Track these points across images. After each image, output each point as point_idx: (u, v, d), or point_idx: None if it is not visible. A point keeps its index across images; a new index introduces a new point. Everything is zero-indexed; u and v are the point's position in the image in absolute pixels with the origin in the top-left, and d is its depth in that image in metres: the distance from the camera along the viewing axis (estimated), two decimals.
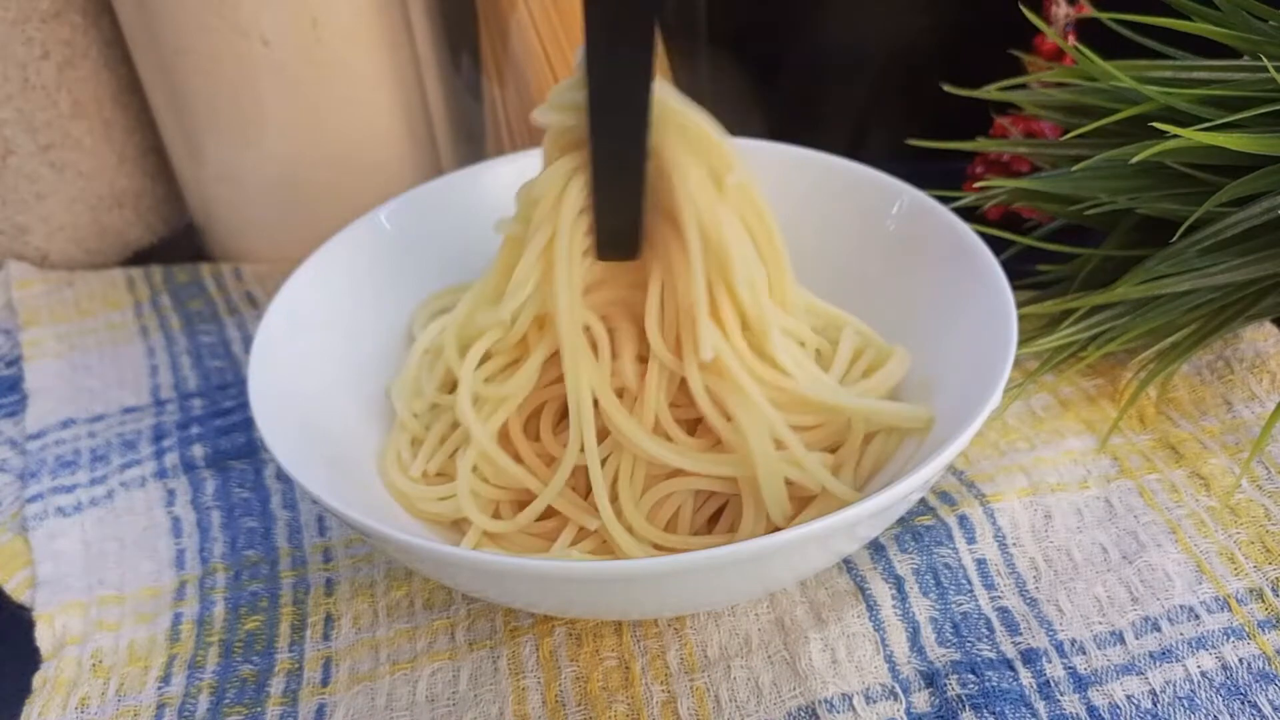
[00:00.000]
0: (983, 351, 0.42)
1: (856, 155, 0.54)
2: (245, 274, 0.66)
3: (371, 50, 0.62)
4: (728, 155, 0.39)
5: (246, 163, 0.63)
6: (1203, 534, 0.44)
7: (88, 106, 0.65)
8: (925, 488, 0.38)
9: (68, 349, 0.61)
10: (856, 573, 0.43)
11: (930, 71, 0.59)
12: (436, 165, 0.69)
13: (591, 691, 0.40)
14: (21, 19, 0.61)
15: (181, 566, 0.47)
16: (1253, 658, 0.39)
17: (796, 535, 0.34)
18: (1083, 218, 0.52)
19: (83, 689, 0.42)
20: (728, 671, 0.40)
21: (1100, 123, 0.48)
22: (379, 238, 0.53)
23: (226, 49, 0.58)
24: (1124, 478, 0.47)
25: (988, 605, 0.42)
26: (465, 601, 0.44)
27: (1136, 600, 0.42)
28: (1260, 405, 0.49)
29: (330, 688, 0.42)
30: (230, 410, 0.56)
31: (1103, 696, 0.39)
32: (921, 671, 0.40)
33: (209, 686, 0.42)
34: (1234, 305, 0.49)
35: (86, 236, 0.68)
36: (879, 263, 0.52)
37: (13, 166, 0.64)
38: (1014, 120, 0.61)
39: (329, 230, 0.52)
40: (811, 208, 0.54)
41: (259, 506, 0.50)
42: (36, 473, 0.52)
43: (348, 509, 0.37)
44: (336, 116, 0.62)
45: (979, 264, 0.46)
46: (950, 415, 0.42)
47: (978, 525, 0.45)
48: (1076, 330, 0.50)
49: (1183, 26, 0.48)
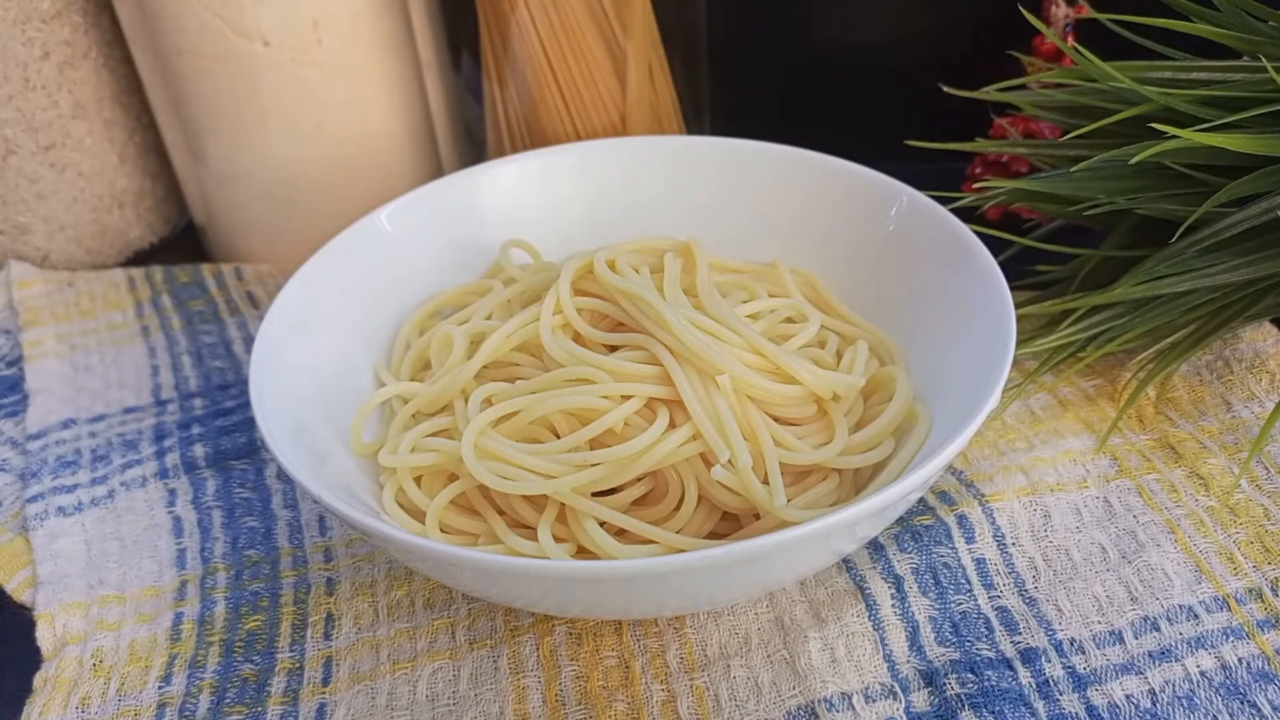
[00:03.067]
0: (981, 351, 0.42)
1: (856, 156, 0.54)
2: (246, 274, 0.67)
3: (371, 51, 0.62)
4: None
5: (247, 163, 0.63)
6: (1202, 534, 0.44)
7: (88, 106, 0.65)
8: (924, 487, 0.38)
9: (68, 349, 0.61)
10: (856, 572, 0.44)
11: (930, 72, 0.60)
12: (436, 166, 0.69)
13: (591, 690, 0.40)
14: (22, 19, 0.61)
15: (182, 566, 0.48)
16: (1252, 657, 0.39)
17: (796, 535, 0.34)
18: (1082, 218, 0.52)
19: (83, 689, 0.42)
20: (727, 670, 0.40)
21: (1099, 123, 0.48)
22: (379, 238, 0.53)
23: (227, 49, 0.59)
24: (1123, 477, 0.47)
25: (987, 605, 0.42)
26: (466, 601, 0.44)
27: (1135, 600, 0.42)
28: (1259, 405, 0.49)
29: (331, 687, 0.42)
30: (231, 410, 0.56)
31: (1102, 696, 0.39)
32: (921, 671, 0.40)
33: (210, 686, 0.42)
34: (1233, 305, 0.49)
35: (87, 236, 0.68)
36: (878, 263, 0.52)
37: (13, 166, 0.64)
38: (1013, 121, 0.61)
39: (329, 230, 0.52)
40: (811, 208, 0.54)
41: (260, 506, 0.50)
42: (37, 473, 0.52)
43: (348, 509, 0.37)
44: (337, 117, 0.62)
45: (978, 264, 0.46)
46: (949, 415, 0.42)
47: (977, 525, 0.45)
48: (1075, 330, 0.50)
49: (1182, 27, 0.48)
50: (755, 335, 0.44)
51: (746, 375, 0.42)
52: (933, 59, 0.65)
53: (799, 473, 0.43)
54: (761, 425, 0.41)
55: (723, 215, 0.56)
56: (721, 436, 0.40)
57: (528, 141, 0.64)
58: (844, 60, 0.72)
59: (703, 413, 0.41)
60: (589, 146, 0.58)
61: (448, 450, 0.43)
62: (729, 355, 0.42)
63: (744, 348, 0.43)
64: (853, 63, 0.72)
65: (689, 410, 0.41)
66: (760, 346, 0.43)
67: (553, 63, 0.60)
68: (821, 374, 0.44)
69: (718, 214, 0.56)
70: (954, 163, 0.61)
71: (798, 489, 0.43)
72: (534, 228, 0.56)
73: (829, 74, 0.72)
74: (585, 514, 0.41)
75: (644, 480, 0.42)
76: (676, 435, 0.41)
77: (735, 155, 0.56)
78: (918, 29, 0.71)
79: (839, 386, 0.44)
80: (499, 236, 0.56)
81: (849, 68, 0.72)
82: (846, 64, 0.72)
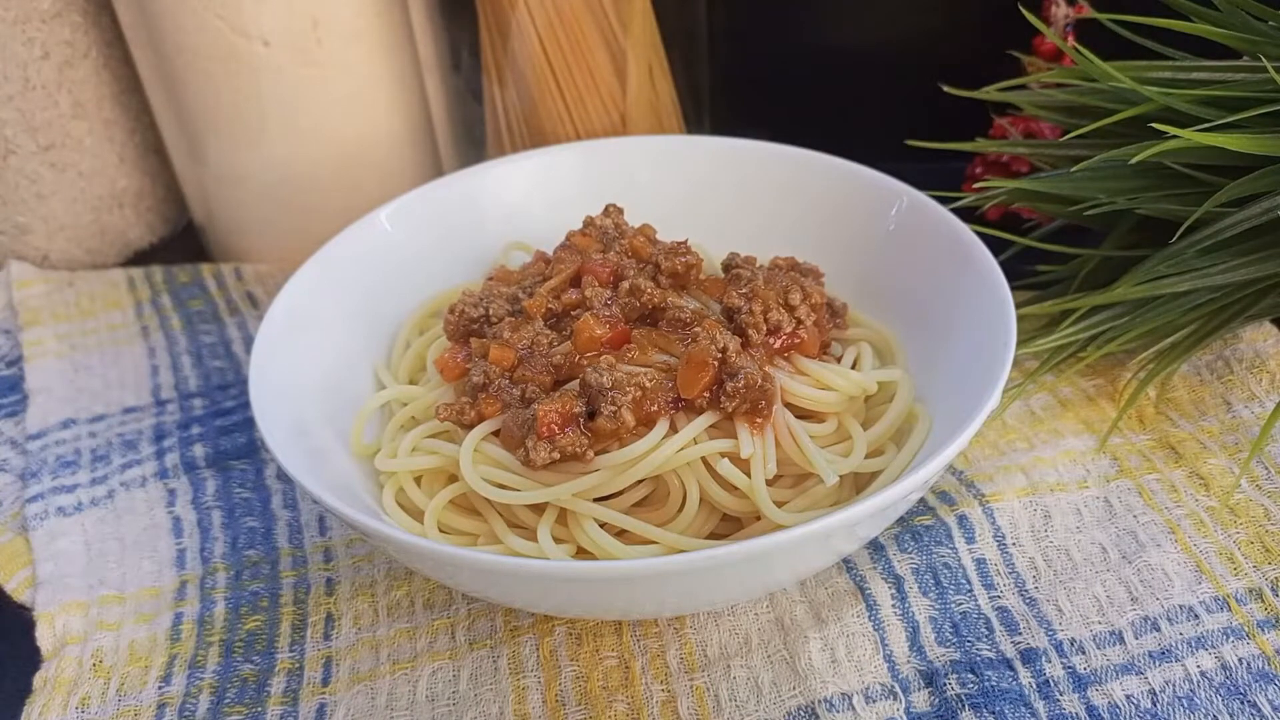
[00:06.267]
0: (982, 351, 0.42)
1: (856, 156, 0.54)
2: (246, 274, 0.66)
3: (372, 51, 0.62)
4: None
5: (247, 163, 0.63)
6: (1202, 534, 0.44)
7: (88, 106, 0.65)
8: (925, 487, 0.38)
9: (68, 349, 0.61)
10: (856, 572, 0.44)
11: (930, 72, 0.60)
12: (436, 165, 0.69)
13: (591, 691, 0.40)
14: (22, 19, 0.61)
15: (182, 566, 0.48)
16: (1252, 657, 0.39)
17: (797, 535, 0.34)
18: (1082, 218, 0.52)
19: (83, 689, 0.42)
20: (727, 671, 0.40)
21: (1100, 123, 0.48)
22: (379, 238, 0.53)
23: (227, 49, 0.59)
24: (1123, 477, 0.47)
25: (987, 605, 0.42)
26: (465, 601, 0.44)
27: (1136, 600, 0.42)
28: (1259, 405, 0.49)
29: (331, 687, 0.42)
30: (231, 410, 0.56)
31: (1102, 696, 0.39)
32: (921, 671, 0.40)
33: (209, 686, 0.42)
34: (1233, 305, 0.49)
35: (87, 236, 0.68)
36: (879, 263, 0.52)
37: (13, 166, 0.64)
38: (1013, 121, 0.61)
39: (329, 230, 0.52)
40: (812, 208, 0.54)
41: (260, 506, 0.50)
42: (37, 473, 0.52)
43: (348, 509, 0.37)
44: (336, 117, 0.62)
45: (978, 264, 0.46)
46: (950, 415, 0.42)
47: (977, 525, 0.45)
48: (1076, 330, 0.50)
49: (1182, 27, 0.48)
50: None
51: (789, 384, 0.43)
52: (933, 59, 0.65)
53: (799, 474, 0.43)
54: (800, 430, 0.42)
55: (723, 215, 0.56)
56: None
57: (528, 141, 0.64)
58: (844, 60, 0.72)
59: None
60: (589, 146, 0.58)
61: (447, 453, 0.43)
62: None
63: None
64: (853, 63, 0.72)
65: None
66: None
67: (553, 63, 0.60)
68: (857, 378, 0.44)
69: (718, 213, 0.56)
70: (954, 163, 0.61)
71: (798, 490, 0.42)
72: (534, 227, 0.56)
73: (829, 74, 0.72)
74: (585, 515, 0.41)
75: (645, 483, 0.42)
76: (676, 440, 0.41)
77: (735, 155, 0.56)
78: (918, 29, 0.71)
79: (868, 388, 0.45)
80: (499, 236, 0.56)
81: (849, 68, 0.72)
82: (847, 64, 0.72)
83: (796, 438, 0.41)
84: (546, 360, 0.43)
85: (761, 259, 0.49)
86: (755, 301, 0.44)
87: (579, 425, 0.41)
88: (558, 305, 0.46)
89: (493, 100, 0.64)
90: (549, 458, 0.40)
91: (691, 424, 0.41)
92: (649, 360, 0.43)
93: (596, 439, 0.40)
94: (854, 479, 0.44)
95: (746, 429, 0.41)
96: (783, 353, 0.44)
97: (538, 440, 0.40)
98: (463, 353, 0.46)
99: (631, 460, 0.40)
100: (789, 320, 0.44)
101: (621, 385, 0.40)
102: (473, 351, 0.45)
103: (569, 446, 0.40)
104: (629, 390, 0.40)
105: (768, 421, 0.41)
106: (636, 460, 0.40)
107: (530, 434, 0.40)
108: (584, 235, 0.51)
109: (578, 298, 0.46)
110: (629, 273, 0.47)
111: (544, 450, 0.40)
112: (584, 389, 0.41)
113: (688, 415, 0.41)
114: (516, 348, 0.44)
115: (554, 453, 0.40)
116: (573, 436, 0.40)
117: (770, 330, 0.43)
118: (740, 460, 0.41)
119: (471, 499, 0.43)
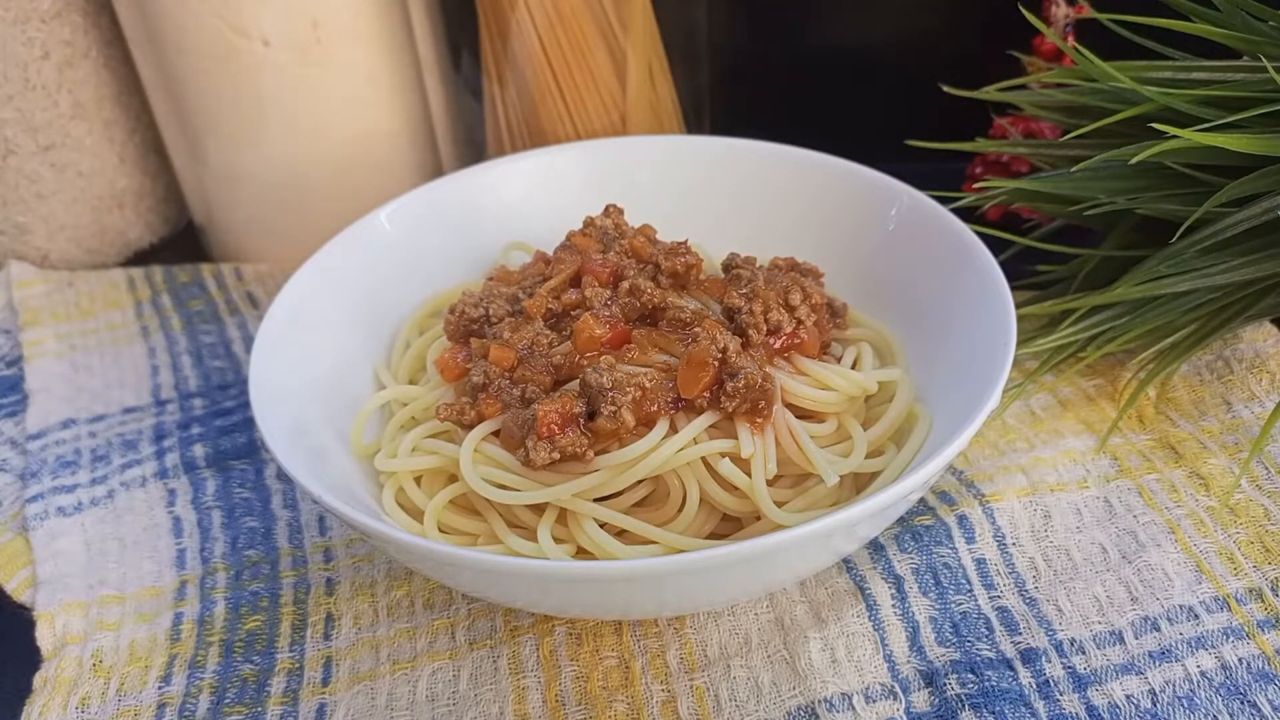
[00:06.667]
0: (982, 351, 0.42)
1: (856, 156, 0.54)
2: (246, 274, 0.66)
3: (371, 51, 0.62)
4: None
5: (247, 163, 0.63)
6: (1202, 534, 0.44)
7: (88, 106, 0.65)
8: (925, 487, 0.38)
9: (68, 349, 0.61)
10: (856, 572, 0.44)
11: (930, 72, 0.60)
12: (436, 165, 0.69)
13: (591, 691, 0.40)
14: (22, 19, 0.61)
15: (182, 566, 0.48)
16: (1252, 657, 0.39)
17: (797, 535, 0.34)
18: (1082, 218, 0.52)
19: (83, 689, 0.42)
20: (727, 671, 0.40)
21: (1100, 123, 0.48)
22: (379, 238, 0.53)
23: (227, 49, 0.59)
24: (1123, 477, 0.47)
25: (987, 605, 0.42)
26: (465, 601, 0.44)
27: (1136, 600, 0.42)
28: (1260, 405, 0.49)
29: (331, 687, 0.42)
30: (231, 410, 0.56)
31: (1102, 696, 0.39)
32: (921, 671, 0.40)
33: (209, 686, 0.42)
34: (1233, 305, 0.49)
35: (87, 236, 0.68)
36: (879, 263, 0.52)
37: (13, 166, 0.64)
38: (1014, 121, 0.61)
39: (329, 230, 0.52)
40: (812, 208, 0.54)
41: (260, 506, 0.50)
42: (37, 473, 0.52)
43: (348, 509, 0.37)
44: (336, 117, 0.62)
45: (978, 264, 0.46)
46: (950, 415, 0.42)
47: (977, 525, 0.45)
48: (1076, 330, 0.50)
49: (1182, 27, 0.48)
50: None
51: (789, 384, 0.43)
52: (933, 59, 0.65)
53: (800, 474, 0.43)
54: (800, 430, 0.42)
55: (723, 215, 0.56)
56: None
57: (528, 141, 0.64)
58: (844, 60, 0.72)
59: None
60: (589, 146, 0.58)
61: (447, 453, 0.43)
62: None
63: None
64: (853, 63, 0.72)
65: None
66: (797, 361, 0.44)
67: (553, 63, 0.60)
68: (857, 378, 0.44)
69: (717, 213, 0.56)
70: (954, 163, 0.61)
71: (798, 490, 0.42)
72: (534, 228, 0.56)
73: (829, 74, 0.72)
74: (585, 515, 0.41)
75: (645, 483, 0.42)
76: (676, 440, 0.41)
77: (735, 155, 0.56)
78: (918, 29, 0.71)
79: (868, 388, 0.45)
80: (499, 236, 0.56)
81: (849, 68, 0.72)
82: (847, 64, 0.72)
83: (797, 438, 0.41)
84: (546, 360, 0.43)
85: (761, 259, 0.49)
86: (755, 302, 0.44)
87: (579, 425, 0.41)
88: (558, 305, 0.46)
89: (493, 100, 0.64)
90: (549, 458, 0.40)
91: (691, 424, 0.41)
92: (649, 360, 0.43)
93: (596, 439, 0.40)
94: (854, 479, 0.44)
95: (747, 429, 0.41)
96: (783, 353, 0.44)
97: (538, 440, 0.40)
98: (463, 353, 0.46)
99: (631, 460, 0.40)
100: (789, 320, 0.44)
101: (621, 385, 0.40)
102: (473, 352, 0.45)
103: (569, 446, 0.40)
104: (629, 390, 0.40)
105: (768, 421, 0.41)
106: (636, 460, 0.40)
107: (530, 434, 0.40)
108: (584, 235, 0.51)
109: (578, 298, 0.46)
110: (629, 273, 0.47)
111: (544, 450, 0.40)
112: (584, 389, 0.41)
113: (688, 415, 0.41)
114: (516, 348, 0.44)
115: (554, 453, 0.40)
116: (573, 436, 0.40)
117: (770, 330, 0.43)
118: (740, 460, 0.41)
119: (471, 499, 0.43)
